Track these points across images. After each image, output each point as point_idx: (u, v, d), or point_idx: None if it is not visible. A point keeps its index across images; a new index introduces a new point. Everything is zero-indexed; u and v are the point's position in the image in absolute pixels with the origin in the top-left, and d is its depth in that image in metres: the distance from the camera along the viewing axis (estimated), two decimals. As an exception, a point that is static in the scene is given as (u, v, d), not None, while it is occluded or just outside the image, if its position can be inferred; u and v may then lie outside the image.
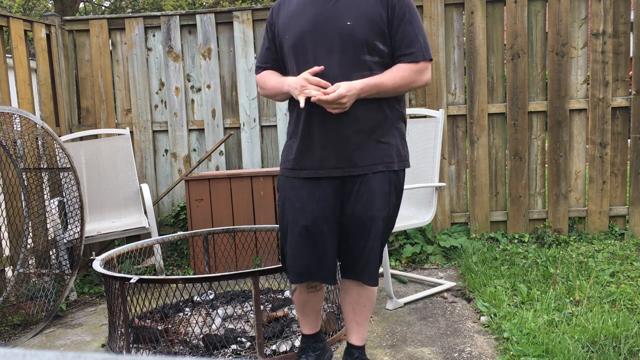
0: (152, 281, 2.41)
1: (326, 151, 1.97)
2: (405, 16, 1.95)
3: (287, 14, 2.02)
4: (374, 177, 1.97)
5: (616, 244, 3.88)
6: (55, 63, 4.02)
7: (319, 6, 1.95)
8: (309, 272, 2.03)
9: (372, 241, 2.00)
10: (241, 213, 3.79)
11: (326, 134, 1.96)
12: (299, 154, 2.01)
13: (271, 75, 2.09)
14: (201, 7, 13.33)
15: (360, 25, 1.91)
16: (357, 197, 1.98)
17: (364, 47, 1.92)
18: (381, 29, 1.93)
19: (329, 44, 1.92)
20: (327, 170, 1.98)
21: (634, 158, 4.05)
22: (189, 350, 2.48)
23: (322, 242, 2.00)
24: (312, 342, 2.26)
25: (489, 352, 2.39)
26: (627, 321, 2.43)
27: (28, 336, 2.88)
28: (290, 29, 1.99)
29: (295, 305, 2.24)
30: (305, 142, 1.99)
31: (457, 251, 3.86)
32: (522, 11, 3.97)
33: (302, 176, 2.01)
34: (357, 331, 2.16)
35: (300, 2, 2.00)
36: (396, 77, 1.94)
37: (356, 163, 1.97)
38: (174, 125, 4.22)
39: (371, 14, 1.92)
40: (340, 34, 1.91)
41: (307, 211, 1.98)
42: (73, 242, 3.41)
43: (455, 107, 4.08)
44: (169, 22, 4.15)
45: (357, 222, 1.99)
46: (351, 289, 2.11)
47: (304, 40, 1.95)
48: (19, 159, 3.36)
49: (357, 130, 1.96)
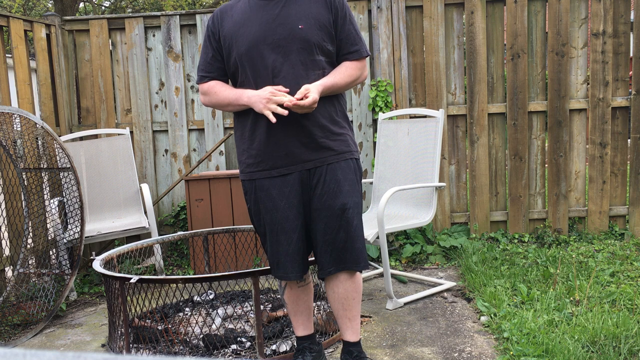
0: (152, 281, 2.41)
1: (290, 148, 2.04)
2: (346, 17, 2.09)
3: (234, 22, 2.07)
4: (338, 166, 2.07)
5: (616, 244, 3.88)
6: (55, 63, 4.02)
7: (269, 12, 2.04)
8: (293, 268, 2.09)
9: (346, 228, 2.05)
10: (241, 213, 3.79)
11: (288, 131, 2.03)
12: (263, 154, 2.06)
13: (222, 87, 2.14)
14: (201, 7, 13.32)
15: (311, 28, 2.02)
16: (325, 188, 2.05)
17: (316, 49, 2.04)
18: (329, 31, 2.06)
19: (284, 48, 2.01)
20: (293, 166, 2.06)
21: (634, 158, 4.05)
22: (189, 350, 2.48)
23: (297, 237, 2.07)
24: (309, 343, 2.26)
25: (489, 352, 2.39)
26: (627, 321, 2.43)
27: (28, 336, 2.88)
28: (241, 36, 2.04)
29: (287, 305, 2.26)
30: (268, 141, 2.05)
31: (457, 251, 3.86)
32: (522, 11, 3.97)
33: (274, 175, 2.07)
34: (351, 327, 2.16)
35: (246, 9, 2.07)
36: (345, 75, 2.09)
37: (319, 155, 2.06)
38: (174, 125, 4.22)
39: (319, 17, 2.04)
40: (293, 37, 2.01)
41: (279, 209, 2.05)
42: (73, 242, 3.41)
43: (455, 107, 4.08)
44: (169, 22, 4.16)
45: (328, 212, 2.04)
46: (337, 285, 2.11)
47: (258, 46, 2.02)
48: (19, 159, 3.36)
49: (316, 124, 2.04)
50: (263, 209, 2.10)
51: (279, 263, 2.11)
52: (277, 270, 2.13)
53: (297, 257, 2.09)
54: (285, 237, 2.07)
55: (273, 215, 2.07)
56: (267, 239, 2.13)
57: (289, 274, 2.10)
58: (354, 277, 2.12)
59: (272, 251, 2.12)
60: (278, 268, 2.12)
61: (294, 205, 2.06)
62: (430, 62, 4.03)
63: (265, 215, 2.09)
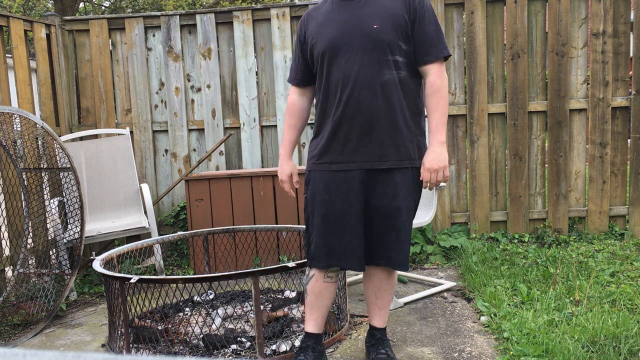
0: (152, 281, 2.41)
1: (355, 145, 2.10)
2: (425, 17, 2.10)
3: (317, 24, 2.18)
4: (398, 172, 2.12)
5: (616, 244, 3.88)
6: (55, 63, 4.02)
7: (348, 12, 2.11)
8: (337, 258, 2.15)
9: (397, 230, 2.14)
10: (241, 213, 3.79)
11: (355, 129, 2.09)
12: (327, 149, 2.15)
13: (290, 119, 2.32)
14: (201, 7, 13.32)
15: (386, 28, 2.06)
16: (383, 190, 2.11)
17: (390, 49, 2.06)
18: (405, 31, 2.08)
19: (358, 47, 2.06)
20: (355, 163, 2.11)
21: (634, 158, 4.05)
22: (189, 350, 2.48)
23: (349, 231, 2.12)
24: (313, 342, 2.27)
25: (489, 352, 2.39)
26: (627, 321, 2.43)
27: (28, 336, 2.88)
28: (321, 36, 2.14)
29: (308, 296, 2.28)
30: (335, 136, 2.12)
31: (457, 251, 3.86)
32: (522, 11, 3.97)
33: (333, 169, 2.14)
34: (379, 314, 2.33)
35: (329, 10, 2.16)
36: (434, 103, 2.10)
37: (385, 158, 2.10)
38: (174, 125, 4.22)
39: (396, 17, 2.07)
40: (368, 37, 2.06)
41: (335, 203, 2.12)
42: (73, 242, 3.41)
43: (455, 107, 4.08)
44: (169, 22, 4.16)
45: (382, 212, 2.11)
46: (374, 275, 2.27)
47: (334, 45, 2.09)
48: (19, 159, 3.36)
49: (385, 127, 2.09)
50: (318, 200, 2.19)
51: (322, 250, 2.16)
52: (315, 257, 2.18)
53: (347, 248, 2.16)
54: (331, 228, 2.14)
55: (326, 207, 2.16)
56: (314, 227, 2.19)
57: (328, 260, 2.16)
58: (391, 273, 2.28)
59: (318, 240, 2.17)
60: (319, 254, 2.17)
61: (349, 201, 2.13)
62: (430, 62, 4.02)
63: (320, 205, 2.19)
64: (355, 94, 2.06)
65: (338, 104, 2.09)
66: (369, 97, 2.06)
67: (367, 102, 2.06)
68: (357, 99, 2.06)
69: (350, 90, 2.07)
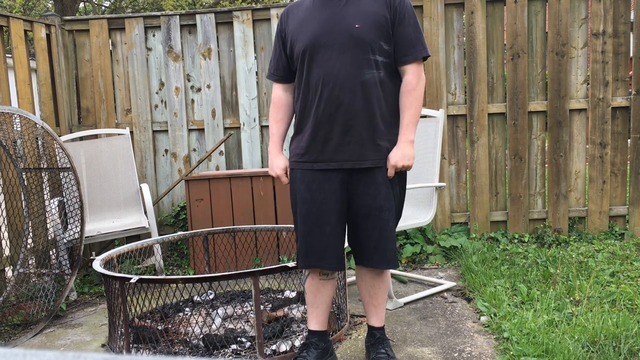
0: (152, 281, 2.41)
1: (336, 145, 2.09)
2: (405, 18, 2.09)
3: (298, 20, 2.16)
4: (380, 171, 2.11)
5: (616, 244, 3.88)
6: (55, 63, 4.02)
7: (329, 11, 2.10)
8: (316, 258, 2.16)
9: (379, 230, 2.13)
10: (241, 213, 3.79)
11: (336, 128, 2.08)
12: (309, 147, 2.14)
13: (276, 114, 2.29)
14: (201, 7, 13.32)
15: (367, 27, 2.05)
16: (365, 189, 2.11)
17: (371, 48, 2.06)
18: (386, 31, 2.08)
19: (339, 46, 2.05)
20: (337, 162, 2.11)
21: (634, 158, 4.05)
22: (189, 350, 2.48)
23: (329, 231, 2.12)
24: (316, 339, 2.28)
25: (489, 352, 2.39)
26: (627, 321, 2.43)
27: (28, 336, 2.88)
28: (302, 33, 2.12)
29: (307, 295, 2.30)
30: (316, 135, 2.11)
31: (457, 251, 3.86)
32: (522, 11, 3.97)
33: (315, 168, 2.13)
34: (376, 313, 2.34)
35: (309, 7, 2.14)
36: (408, 103, 2.12)
37: (364, 157, 2.10)
38: (174, 125, 4.22)
39: (377, 17, 2.06)
40: (349, 36, 2.05)
41: (316, 202, 2.11)
42: (73, 242, 3.41)
43: (455, 107, 4.08)
44: (169, 22, 4.16)
45: (364, 212, 2.12)
46: (365, 274, 2.28)
47: (315, 43, 2.08)
48: (19, 159, 3.36)
49: (365, 126, 2.08)
50: (300, 199, 2.19)
51: (305, 251, 2.18)
52: (299, 257, 2.20)
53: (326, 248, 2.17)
54: (312, 229, 2.15)
55: (307, 207, 2.16)
56: (298, 226, 2.21)
57: (310, 262, 2.18)
58: (382, 271, 2.27)
59: (301, 240, 2.19)
60: (302, 255, 2.19)
61: (330, 201, 2.13)
62: (430, 62, 4.03)
63: (301, 205, 2.19)
64: (336, 92, 2.05)
65: (319, 102, 2.08)
66: (349, 96, 2.05)
67: (347, 101, 2.05)
68: (337, 98, 2.06)
69: (330, 88, 2.06)
